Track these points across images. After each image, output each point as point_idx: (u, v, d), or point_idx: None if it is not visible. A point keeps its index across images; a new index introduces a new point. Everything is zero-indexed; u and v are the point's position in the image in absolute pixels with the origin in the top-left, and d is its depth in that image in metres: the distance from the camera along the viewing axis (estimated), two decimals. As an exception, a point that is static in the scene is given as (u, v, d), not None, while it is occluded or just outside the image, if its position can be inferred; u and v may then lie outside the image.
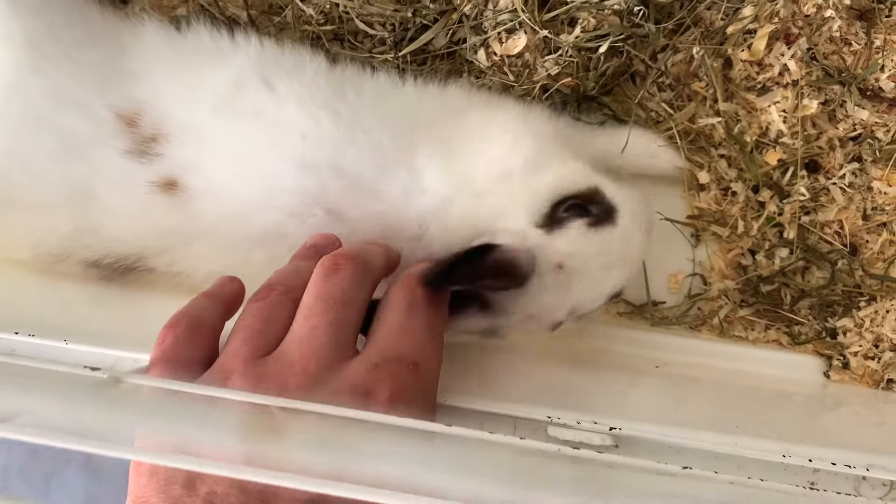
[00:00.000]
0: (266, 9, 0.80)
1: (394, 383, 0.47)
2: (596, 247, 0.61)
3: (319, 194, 0.63)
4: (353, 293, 0.51)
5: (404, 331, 0.50)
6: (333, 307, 0.50)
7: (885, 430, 0.69)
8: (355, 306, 0.51)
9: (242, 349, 0.49)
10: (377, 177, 0.64)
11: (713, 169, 0.79)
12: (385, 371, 0.47)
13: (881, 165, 0.76)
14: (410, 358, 0.49)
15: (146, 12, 0.75)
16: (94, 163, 0.65)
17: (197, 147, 0.65)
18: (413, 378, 0.48)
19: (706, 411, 0.63)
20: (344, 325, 0.50)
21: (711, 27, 0.75)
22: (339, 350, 0.48)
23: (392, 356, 0.49)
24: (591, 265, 0.61)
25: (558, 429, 0.50)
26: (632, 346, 0.76)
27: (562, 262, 0.60)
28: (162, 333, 0.50)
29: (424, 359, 0.50)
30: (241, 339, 0.50)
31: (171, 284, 0.68)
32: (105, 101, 0.66)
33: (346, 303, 0.51)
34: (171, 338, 0.50)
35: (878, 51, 0.75)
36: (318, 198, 0.63)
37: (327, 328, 0.49)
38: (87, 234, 0.66)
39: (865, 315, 0.77)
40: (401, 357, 0.49)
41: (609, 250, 0.62)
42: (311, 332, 0.49)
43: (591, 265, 0.61)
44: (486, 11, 0.74)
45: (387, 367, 0.48)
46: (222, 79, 0.67)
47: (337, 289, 0.51)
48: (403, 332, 0.50)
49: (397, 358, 0.49)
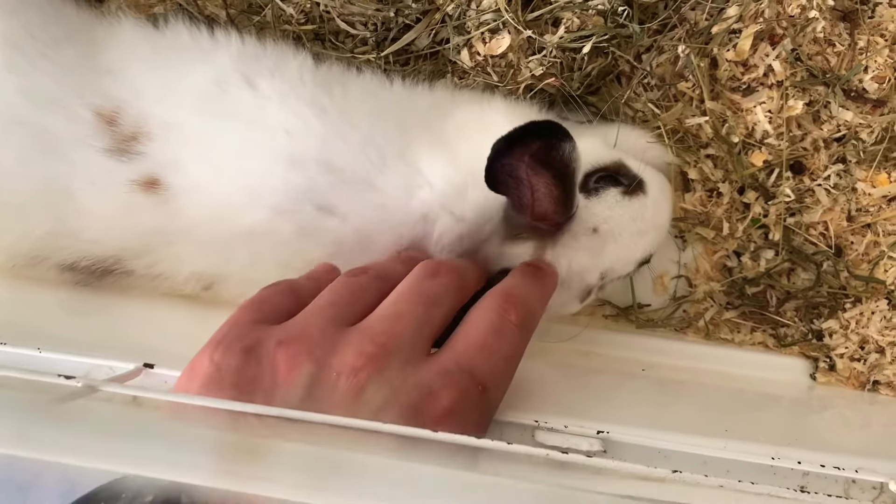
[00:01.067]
0: (245, 8, 0.79)
1: (458, 394, 0.46)
2: (631, 213, 0.64)
3: (308, 190, 0.62)
4: (444, 298, 0.52)
5: (485, 348, 0.49)
6: (424, 302, 0.51)
7: (872, 431, 0.69)
8: (443, 310, 0.52)
9: (328, 309, 0.50)
10: (371, 170, 0.63)
11: (699, 169, 0.78)
12: (454, 379, 0.46)
13: (865, 166, 0.76)
14: (482, 378, 0.48)
15: (122, 11, 0.74)
16: (72, 162, 0.63)
17: (179, 145, 0.64)
18: (478, 398, 0.47)
19: (693, 414, 0.63)
20: (428, 323, 0.50)
21: (696, 27, 0.75)
22: (417, 344, 0.48)
23: (466, 368, 0.48)
24: (625, 231, 0.64)
25: (546, 433, 0.49)
26: (618, 349, 0.76)
27: (597, 225, 0.63)
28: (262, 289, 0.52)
29: (494, 384, 0.49)
30: (328, 301, 0.51)
31: (148, 289, 0.66)
32: (84, 100, 0.64)
33: (436, 303, 0.51)
34: (269, 290, 0.52)
35: (862, 52, 0.75)
36: (306, 193, 0.62)
37: (413, 317, 0.49)
38: (63, 236, 0.65)
39: (851, 317, 0.77)
40: (474, 372, 0.47)
41: (643, 217, 0.65)
42: (396, 314, 0.49)
43: (625, 231, 0.64)
44: (469, 11, 0.73)
45: (457, 376, 0.47)
46: (203, 77, 0.66)
47: (431, 289, 0.52)
48: (484, 349, 0.49)
49: (470, 371, 0.47)
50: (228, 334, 0.47)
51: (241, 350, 0.46)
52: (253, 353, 0.46)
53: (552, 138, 0.54)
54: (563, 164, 0.55)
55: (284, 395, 0.44)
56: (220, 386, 0.44)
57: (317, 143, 0.64)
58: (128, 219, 0.64)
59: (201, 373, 0.45)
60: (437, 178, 0.63)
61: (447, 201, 0.62)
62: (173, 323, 0.65)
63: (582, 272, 0.63)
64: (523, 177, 0.56)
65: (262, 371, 0.45)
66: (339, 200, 0.62)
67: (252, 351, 0.46)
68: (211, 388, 0.44)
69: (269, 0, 0.76)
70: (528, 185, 0.57)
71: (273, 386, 0.45)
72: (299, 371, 0.45)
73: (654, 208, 0.67)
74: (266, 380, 0.45)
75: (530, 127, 0.54)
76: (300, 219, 0.62)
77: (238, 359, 0.45)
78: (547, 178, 0.56)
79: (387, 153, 0.64)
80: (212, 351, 0.46)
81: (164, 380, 0.48)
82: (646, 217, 0.65)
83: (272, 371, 0.45)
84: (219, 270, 0.66)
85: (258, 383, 0.45)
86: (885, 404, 0.75)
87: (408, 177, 0.63)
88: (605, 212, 0.63)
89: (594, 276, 0.64)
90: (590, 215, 0.63)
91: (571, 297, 0.66)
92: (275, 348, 0.46)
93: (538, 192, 0.57)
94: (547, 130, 0.54)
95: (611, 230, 0.63)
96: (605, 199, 0.64)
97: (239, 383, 0.45)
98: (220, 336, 0.47)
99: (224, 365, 0.45)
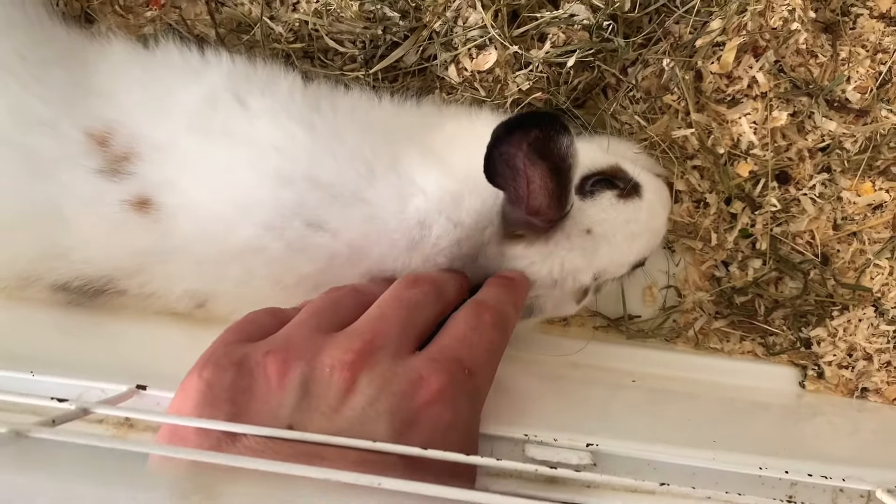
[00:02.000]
0: (235, 27, 0.79)
1: (447, 377, 0.48)
2: (625, 216, 0.65)
3: (297, 206, 0.63)
4: (426, 304, 0.54)
5: (467, 341, 0.52)
6: (406, 306, 0.53)
7: (860, 439, 0.69)
8: (425, 315, 0.54)
9: (310, 320, 0.52)
10: (360, 183, 0.63)
11: (686, 181, 0.79)
12: (441, 364, 0.48)
13: (850, 175, 0.77)
14: (468, 363, 0.50)
15: (112, 31, 0.74)
16: (63, 183, 0.64)
17: (170, 165, 0.64)
18: (466, 380, 0.49)
19: (683, 425, 0.63)
20: (412, 325, 0.52)
21: (680, 41, 0.76)
22: (403, 342, 0.50)
23: (451, 356, 0.50)
24: (619, 233, 0.65)
25: (536, 447, 0.49)
26: (608, 360, 0.77)
27: (591, 227, 0.63)
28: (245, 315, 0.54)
29: (479, 369, 0.51)
30: (309, 313, 0.53)
31: (140, 308, 0.67)
32: (74, 121, 0.65)
33: (418, 307, 0.54)
34: (252, 313, 0.54)
35: (844, 62, 0.76)
36: (296, 210, 0.63)
37: (397, 319, 0.51)
38: (55, 257, 0.65)
39: (838, 324, 0.78)
40: (459, 359, 0.50)
41: (636, 220, 0.66)
42: (381, 316, 0.51)
43: (619, 233, 0.65)
44: (455, 28, 0.74)
45: (444, 362, 0.49)
46: (194, 96, 0.67)
47: (413, 296, 0.54)
48: (466, 342, 0.52)
49: (456, 358, 0.50)
50: (216, 352, 0.48)
51: (230, 365, 0.46)
52: (243, 366, 0.46)
53: (551, 129, 0.55)
54: (560, 158, 0.56)
55: (280, 399, 0.45)
56: (214, 402, 0.45)
57: (306, 160, 0.64)
58: (120, 239, 0.64)
59: (193, 392, 0.46)
60: (431, 186, 0.63)
61: (444, 207, 0.63)
62: (166, 343, 0.65)
63: (575, 272, 0.64)
64: (520, 167, 0.57)
65: (254, 381, 0.46)
66: (330, 215, 0.63)
67: (242, 364, 0.46)
68: (205, 405, 0.45)
69: (259, 19, 0.77)
70: (525, 175, 0.57)
71: (267, 393, 0.45)
72: (291, 374, 0.46)
73: (649, 212, 0.67)
74: (260, 388, 0.46)
75: (531, 115, 0.55)
76: (290, 235, 0.63)
77: (229, 373, 0.46)
78: (543, 169, 0.57)
79: (376, 166, 0.65)
80: (201, 369, 0.46)
81: (156, 401, 0.49)
82: (640, 220, 0.66)
83: (265, 379, 0.46)
84: (211, 288, 0.66)
85: (252, 393, 0.45)
86: (873, 411, 0.75)
87: (400, 187, 0.64)
88: (600, 214, 0.64)
89: (587, 277, 0.65)
90: (584, 217, 0.63)
91: (566, 298, 0.66)
92: (264, 358, 0.47)
93: (534, 184, 0.58)
94: (547, 121, 0.55)
95: (604, 232, 0.64)
96: (600, 202, 0.65)
97: (233, 397, 0.45)
98: (208, 355, 0.48)
99: (215, 381, 0.46)
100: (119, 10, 0.81)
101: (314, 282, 0.63)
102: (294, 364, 0.46)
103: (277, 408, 0.45)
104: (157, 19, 0.81)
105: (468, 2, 0.73)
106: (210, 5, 0.79)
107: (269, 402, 0.45)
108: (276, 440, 0.41)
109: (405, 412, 0.45)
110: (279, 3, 0.78)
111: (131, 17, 0.81)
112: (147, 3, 0.81)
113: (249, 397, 0.45)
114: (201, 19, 0.80)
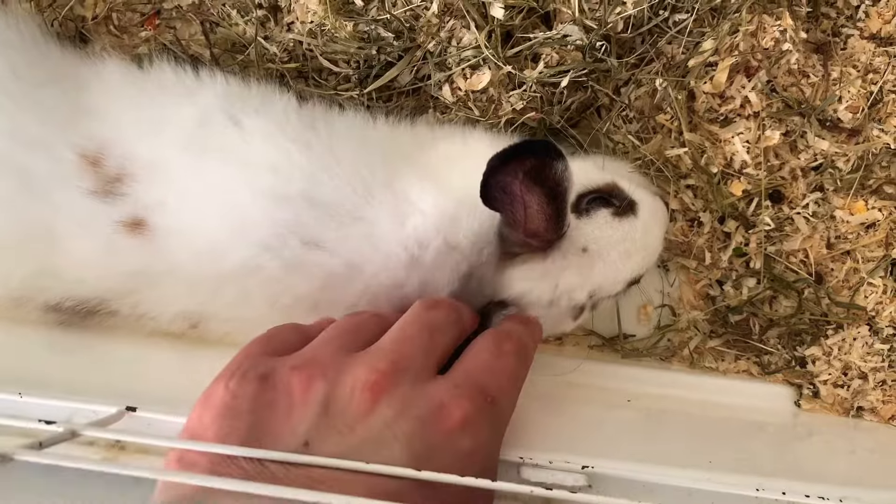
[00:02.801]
0: (229, 47, 0.80)
1: (470, 406, 0.47)
2: (620, 234, 0.65)
3: (294, 225, 0.63)
4: (447, 327, 0.55)
5: (490, 369, 0.52)
6: (428, 329, 0.53)
7: (857, 458, 0.69)
8: (446, 339, 0.54)
9: (335, 340, 0.52)
10: (357, 202, 0.64)
11: (680, 200, 0.79)
12: (465, 392, 0.48)
13: (843, 194, 0.78)
14: (491, 392, 0.50)
15: (107, 51, 0.74)
16: (56, 203, 0.64)
17: (164, 186, 0.64)
18: (489, 410, 0.49)
19: (679, 445, 0.63)
20: (434, 349, 0.52)
21: (673, 61, 0.76)
22: (426, 365, 0.50)
23: (474, 383, 0.50)
24: (614, 251, 0.65)
25: (531, 469, 0.49)
26: (603, 379, 0.76)
27: (586, 245, 0.64)
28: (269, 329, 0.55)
29: (502, 396, 0.51)
30: (334, 333, 0.53)
31: (133, 329, 0.66)
32: (68, 141, 0.65)
33: (440, 331, 0.54)
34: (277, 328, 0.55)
35: (836, 82, 0.77)
36: (292, 229, 0.63)
37: (420, 341, 0.51)
38: (48, 277, 0.65)
39: (833, 343, 0.78)
40: (483, 388, 0.50)
41: (631, 238, 0.66)
42: (404, 338, 0.51)
43: (614, 251, 0.65)
44: (449, 48, 0.74)
45: (467, 390, 0.49)
46: (187, 116, 0.67)
47: (434, 318, 0.54)
48: (489, 370, 0.52)
49: (479, 386, 0.49)
50: (242, 364, 0.49)
51: (255, 378, 0.47)
52: (268, 380, 0.47)
53: (546, 157, 0.55)
54: (556, 183, 0.56)
55: (301, 414, 0.45)
56: (236, 413, 0.46)
57: (302, 179, 0.64)
58: (113, 260, 0.64)
59: (217, 401, 0.46)
60: (429, 205, 0.64)
61: (442, 227, 0.63)
62: (157, 364, 0.64)
63: (570, 291, 0.64)
64: (517, 193, 0.57)
65: (277, 395, 0.47)
66: (326, 234, 0.63)
67: (267, 378, 0.47)
68: (228, 415, 0.46)
69: (253, 39, 0.77)
70: (522, 201, 0.57)
71: (290, 407, 0.46)
72: (314, 391, 0.46)
73: (644, 230, 0.67)
74: (282, 403, 0.46)
75: (525, 145, 0.56)
76: (287, 254, 0.63)
77: (253, 386, 0.47)
78: (539, 195, 0.57)
79: (373, 185, 0.65)
80: (227, 380, 0.47)
81: (147, 423, 0.48)
82: (635, 238, 0.66)
83: (287, 394, 0.47)
84: (206, 308, 0.66)
85: (275, 407, 0.46)
86: (869, 430, 0.75)
87: (397, 206, 0.64)
88: (595, 232, 0.64)
89: (583, 295, 0.65)
90: (580, 235, 0.64)
91: (563, 315, 0.66)
92: (289, 373, 0.48)
93: (531, 209, 0.58)
94: (541, 149, 0.55)
95: (600, 250, 0.64)
96: (596, 220, 0.65)
97: (256, 409, 0.46)
98: (235, 366, 0.48)
99: (240, 392, 0.46)
100: (114, 30, 0.81)
101: (312, 301, 0.63)
102: (318, 381, 0.47)
103: (297, 423, 0.45)
104: (152, 39, 0.81)
105: (462, 22, 0.73)
106: (205, 26, 0.80)
107: (290, 418, 0.46)
108: None
109: (425, 438, 0.45)
110: (274, 24, 0.78)
111: (126, 38, 0.81)
112: (142, 23, 0.81)
113: (271, 411, 0.46)
114: (196, 39, 0.80)
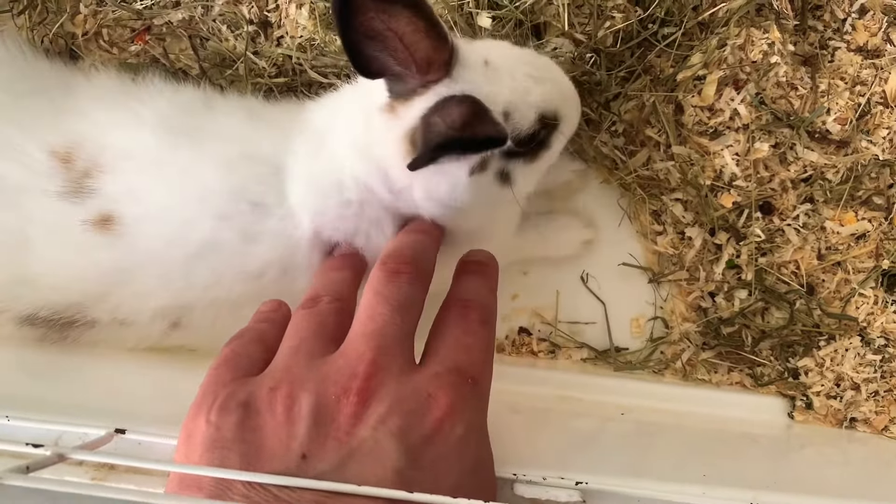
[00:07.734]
0: (219, 62, 0.80)
1: (454, 393, 0.47)
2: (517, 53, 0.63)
3: (241, 188, 0.64)
4: (414, 297, 0.53)
5: (462, 346, 0.51)
6: (398, 310, 0.51)
7: (851, 470, 0.69)
8: (415, 311, 0.53)
9: (301, 347, 0.50)
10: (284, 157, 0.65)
11: (670, 212, 0.79)
12: (445, 380, 0.48)
13: (833, 206, 0.78)
14: (470, 372, 0.50)
15: (96, 67, 0.75)
16: (27, 209, 0.65)
17: (132, 173, 0.65)
18: (472, 392, 0.49)
19: (673, 459, 0.63)
20: (409, 331, 0.51)
21: (662, 74, 0.77)
22: (405, 353, 0.50)
23: (452, 367, 0.49)
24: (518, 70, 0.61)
25: (525, 486, 0.49)
26: (596, 392, 0.76)
27: (487, 58, 0.60)
28: (226, 344, 0.53)
29: (480, 374, 0.51)
30: (298, 339, 0.51)
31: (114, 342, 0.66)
32: (39, 142, 0.65)
33: (408, 307, 0.52)
34: (235, 343, 0.53)
35: (824, 94, 0.77)
36: (239, 193, 0.64)
37: (393, 328, 0.50)
38: (20, 285, 0.65)
39: (825, 354, 0.78)
40: (461, 370, 0.49)
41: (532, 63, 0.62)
42: (375, 329, 0.50)
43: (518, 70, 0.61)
44: (440, 62, 0.74)
45: (447, 377, 0.48)
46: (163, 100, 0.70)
47: (400, 292, 0.52)
48: (461, 347, 0.51)
49: (458, 370, 0.49)
50: (217, 394, 0.47)
51: (236, 407, 0.46)
52: (250, 406, 0.46)
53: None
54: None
55: (291, 431, 0.45)
56: (224, 444, 0.45)
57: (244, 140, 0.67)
58: (84, 260, 0.65)
59: (201, 437, 0.45)
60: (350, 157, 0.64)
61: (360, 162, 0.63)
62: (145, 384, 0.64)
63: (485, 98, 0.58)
64: (380, 28, 0.53)
65: (262, 419, 0.46)
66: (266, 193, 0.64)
67: (249, 405, 0.46)
68: (215, 447, 0.45)
69: (243, 54, 0.77)
70: (392, 33, 0.54)
71: (277, 428, 0.45)
72: (299, 406, 0.46)
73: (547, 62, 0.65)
74: (269, 425, 0.45)
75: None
76: (239, 220, 0.64)
77: (237, 415, 0.46)
78: (403, 13, 0.53)
79: None
80: (207, 413, 0.46)
81: (136, 444, 0.48)
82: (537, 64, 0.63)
83: (272, 415, 0.46)
84: (182, 300, 0.66)
85: (262, 431, 0.45)
86: (862, 441, 0.75)
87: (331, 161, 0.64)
88: (490, 49, 0.61)
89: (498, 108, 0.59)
90: (474, 50, 0.60)
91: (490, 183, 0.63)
92: (269, 395, 0.46)
93: (406, 36, 0.54)
94: None
95: (503, 65, 0.60)
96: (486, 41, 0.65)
97: (244, 437, 0.45)
98: (210, 398, 0.47)
99: (223, 423, 0.45)
100: (104, 44, 0.81)
101: (280, 266, 0.65)
102: (300, 396, 0.46)
103: (289, 440, 0.44)
104: (142, 53, 0.81)
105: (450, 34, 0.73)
106: (193, 41, 0.80)
107: (281, 437, 0.45)
108: None
109: (418, 431, 0.45)
110: (263, 38, 0.78)
111: (116, 51, 0.81)
112: (132, 39, 0.81)
113: (261, 435, 0.45)
114: (186, 54, 0.80)
